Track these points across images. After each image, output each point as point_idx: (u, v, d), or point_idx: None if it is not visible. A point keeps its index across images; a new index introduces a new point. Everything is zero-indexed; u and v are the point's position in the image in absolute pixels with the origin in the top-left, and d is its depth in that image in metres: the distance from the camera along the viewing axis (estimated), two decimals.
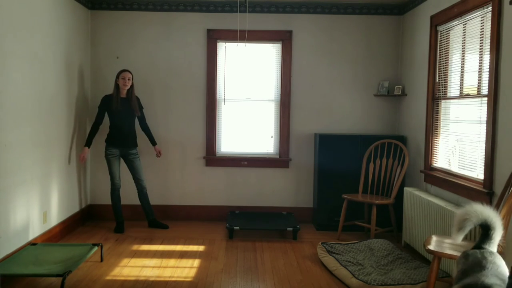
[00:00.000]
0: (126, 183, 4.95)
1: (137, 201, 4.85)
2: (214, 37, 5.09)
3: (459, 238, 2.10)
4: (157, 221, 4.84)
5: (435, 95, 4.25)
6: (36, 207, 3.91)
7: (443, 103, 4.16)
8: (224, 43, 5.16)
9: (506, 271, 1.93)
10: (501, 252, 2.61)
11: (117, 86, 4.58)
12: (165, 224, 4.84)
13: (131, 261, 3.85)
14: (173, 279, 3.47)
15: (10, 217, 3.48)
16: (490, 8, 3.33)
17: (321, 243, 4.05)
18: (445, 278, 3.34)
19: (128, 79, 4.57)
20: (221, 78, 5.18)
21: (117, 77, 4.58)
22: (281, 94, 5.16)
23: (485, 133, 3.36)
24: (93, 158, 5.11)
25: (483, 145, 3.39)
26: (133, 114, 4.65)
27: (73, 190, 4.70)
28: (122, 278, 3.47)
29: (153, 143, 4.86)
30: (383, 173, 4.69)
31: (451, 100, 4.02)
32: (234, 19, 4.99)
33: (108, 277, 3.47)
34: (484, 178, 3.35)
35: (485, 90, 3.40)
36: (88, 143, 4.62)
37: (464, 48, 3.81)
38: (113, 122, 4.61)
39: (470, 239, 3.22)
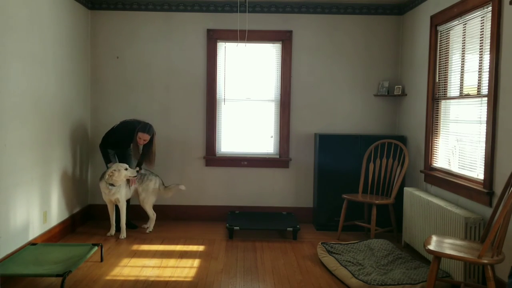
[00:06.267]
0: None
1: (135, 202, 4.84)
2: (214, 37, 5.09)
3: None
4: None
5: (435, 95, 4.25)
6: (36, 207, 3.91)
7: (443, 103, 4.16)
8: (224, 43, 5.16)
9: None
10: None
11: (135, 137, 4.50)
12: (135, 224, 4.88)
13: (131, 261, 3.85)
14: (173, 279, 3.47)
15: (10, 217, 3.48)
16: (490, 8, 3.33)
17: (321, 243, 4.05)
18: (445, 278, 3.34)
19: (144, 140, 4.48)
20: (221, 78, 5.18)
21: (136, 132, 4.46)
22: (281, 94, 5.16)
23: (485, 133, 3.36)
24: (92, 158, 5.11)
25: (483, 145, 3.39)
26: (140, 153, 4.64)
27: (73, 190, 4.70)
28: (122, 278, 3.47)
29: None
30: (383, 173, 4.69)
31: (451, 100, 4.02)
32: (234, 19, 4.99)
33: (108, 277, 3.47)
34: (484, 178, 3.34)
35: (485, 90, 3.40)
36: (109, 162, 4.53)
37: (464, 48, 3.81)
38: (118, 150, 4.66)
39: (470, 239, 3.22)
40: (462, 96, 3.83)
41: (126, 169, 4.35)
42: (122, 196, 4.45)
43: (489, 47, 3.32)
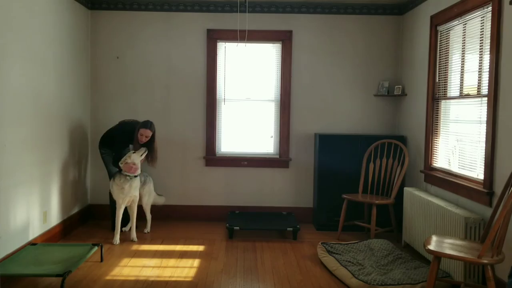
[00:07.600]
0: None
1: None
2: (214, 37, 5.09)
3: None
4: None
5: (435, 95, 4.26)
6: (36, 207, 3.90)
7: (443, 103, 4.16)
8: (224, 43, 5.16)
9: None
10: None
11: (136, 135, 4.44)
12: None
13: (131, 261, 3.85)
14: (173, 279, 3.47)
15: (10, 217, 3.48)
16: (490, 8, 3.33)
17: (321, 243, 4.05)
18: (445, 278, 3.34)
19: (146, 137, 4.42)
20: (221, 78, 5.18)
21: (138, 129, 4.41)
22: (281, 94, 5.16)
23: (485, 133, 3.36)
24: (92, 158, 5.11)
25: (483, 145, 3.39)
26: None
27: (73, 190, 4.70)
28: (122, 278, 3.47)
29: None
30: (383, 173, 4.69)
31: (451, 100, 4.02)
32: (234, 19, 4.99)
33: (108, 277, 3.47)
34: (484, 178, 3.35)
35: (485, 90, 3.40)
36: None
37: (464, 48, 3.81)
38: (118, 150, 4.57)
39: (470, 239, 3.22)
40: (462, 96, 3.83)
41: (134, 152, 4.30)
42: (138, 191, 4.40)
43: (489, 47, 3.32)
